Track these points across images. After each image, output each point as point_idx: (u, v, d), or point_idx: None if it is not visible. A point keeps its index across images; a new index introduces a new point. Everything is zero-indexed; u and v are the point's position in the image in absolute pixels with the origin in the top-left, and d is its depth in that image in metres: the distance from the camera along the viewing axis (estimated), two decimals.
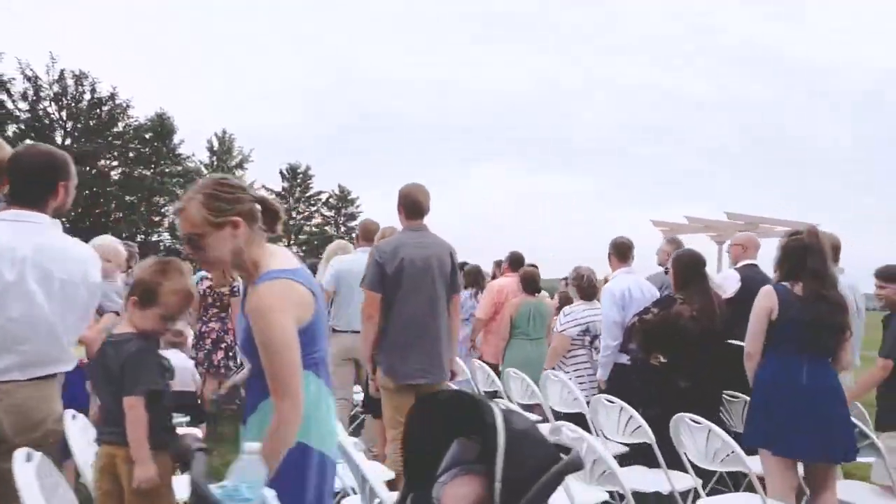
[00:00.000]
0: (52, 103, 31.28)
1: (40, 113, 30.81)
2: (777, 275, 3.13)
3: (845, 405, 3.03)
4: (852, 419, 3.09)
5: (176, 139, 37.01)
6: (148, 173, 35.47)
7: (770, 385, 2.99)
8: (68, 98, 31.77)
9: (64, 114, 31.72)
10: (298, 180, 46.61)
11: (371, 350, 3.36)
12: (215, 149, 41.14)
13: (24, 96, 30.20)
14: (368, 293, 3.32)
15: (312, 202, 47.56)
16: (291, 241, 45.69)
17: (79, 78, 31.89)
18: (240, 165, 41.91)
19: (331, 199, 48.32)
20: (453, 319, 3.51)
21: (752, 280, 3.90)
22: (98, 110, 32.37)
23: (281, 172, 46.05)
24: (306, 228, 47.19)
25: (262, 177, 43.50)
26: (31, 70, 29.98)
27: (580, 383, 4.35)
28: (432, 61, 69.28)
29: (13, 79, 28.54)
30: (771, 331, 2.99)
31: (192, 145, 40.09)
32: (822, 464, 2.97)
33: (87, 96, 32.04)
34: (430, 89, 69.57)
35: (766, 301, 3.01)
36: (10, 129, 29.30)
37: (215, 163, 40.68)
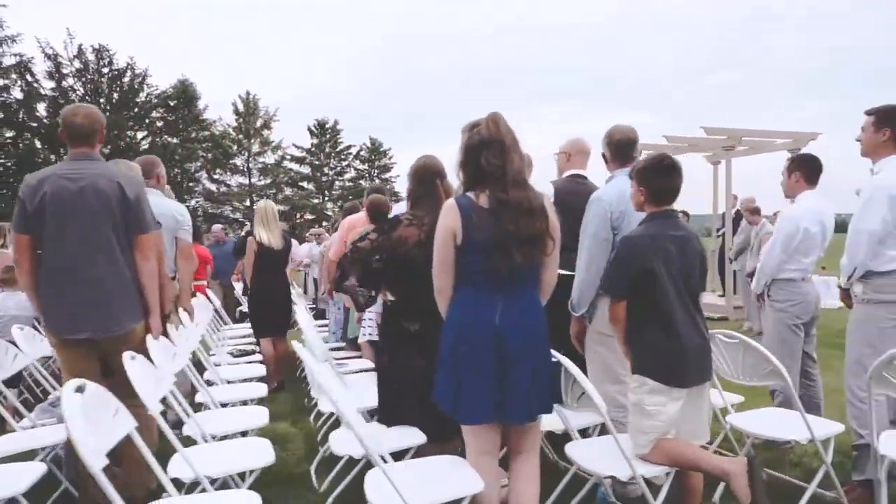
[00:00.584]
0: (76, 79, 31.89)
1: (66, 89, 31.48)
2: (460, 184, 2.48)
3: (548, 350, 2.48)
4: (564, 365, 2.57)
5: (200, 105, 37.53)
6: (175, 141, 36.04)
7: (456, 328, 2.39)
8: (90, 73, 32.34)
9: (89, 88, 32.32)
10: (327, 136, 46.47)
11: (35, 302, 3.03)
12: (241, 111, 41.32)
13: (50, 75, 30.88)
14: (14, 235, 2.93)
15: (343, 157, 47.45)
16: (325, 197, 46.06)
17: (98, 52, 32.35)
18: (266, 126, 42.06)
19: (362, 153, 48.18)
20: (142, 263, 3.02)
21: (569, 194, 3.36)
22: (119, 82, 32.82)
23: (309, 129, 46.03)
24: (338, 183, 47.31)
25: (291, 136, 43.66)
26: (52, 48, 30.58)
27: None
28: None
29: (32, 58, 29.08)
30: (458, 257, 2.38)
31: (217, 110, 40.46)
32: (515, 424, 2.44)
33: (107, 70, 32.48)
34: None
35: (447, 220, 2.37)
36: (41, 108, 30.20)
37: (242, 125, 40.98)
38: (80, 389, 2.02)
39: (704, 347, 2.61)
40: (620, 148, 3.18)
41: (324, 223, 46.46)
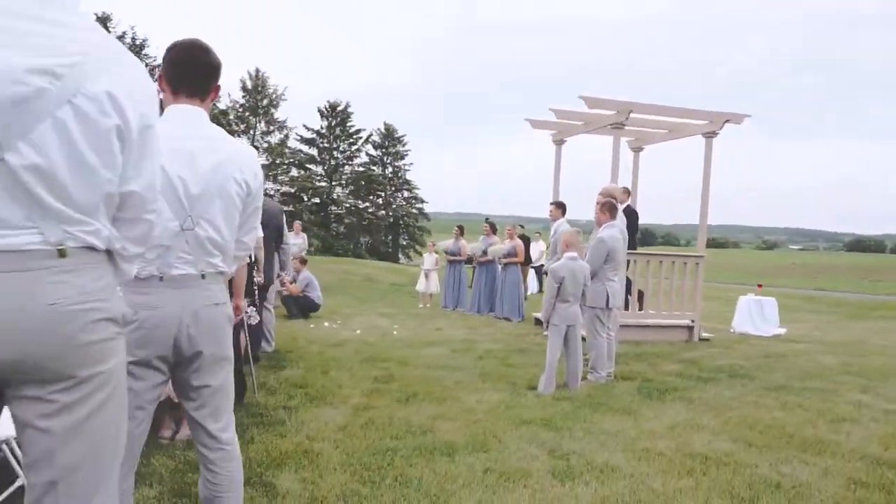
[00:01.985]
0: None
1: None
2: None
3: None
4: None
5: None
6: None
7: None
8: None
9: None
10: (338, 119, 45.74)
11: None
12: (248, 87, 40.97)
13: None
14: None
15: (353, 140, 46.65)
16: (333, 181, 45.43)
17: (101, 20, 32.29)
18: (273, 104, 41.59)
19: (373, 138, 47.38)
20: None
21: None
22: None
23: (319, 110, 45.37)
24: (347, 168, 46.60)
25: (301, 116, 43.06)
26: None
27: None
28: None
29: None
30: None
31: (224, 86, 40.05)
32: None
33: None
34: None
35: None
36: None
37: (248, 102, 40.60)
38: None
39: None
40: None
41: (331, 208, 46.14)
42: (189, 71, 2.04)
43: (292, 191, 42.94)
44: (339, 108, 45.73)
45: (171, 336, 1.98)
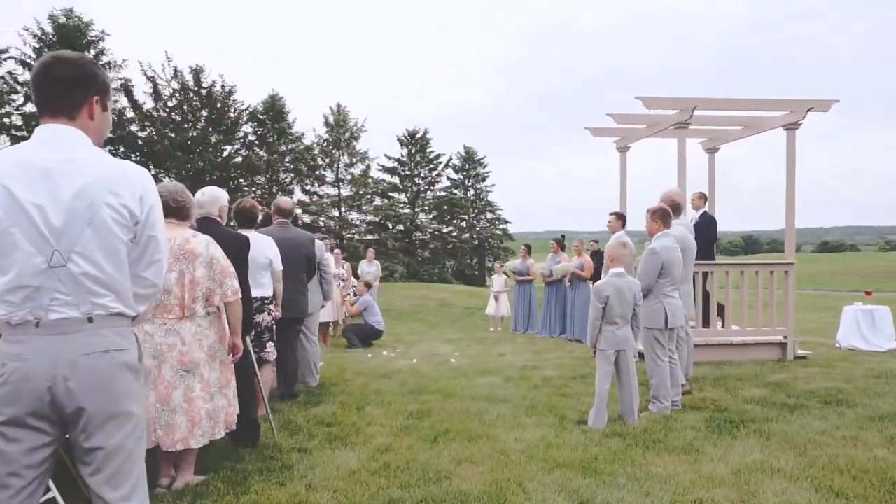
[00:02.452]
0: (172, 99, 34.18)
1: (163, 111, 33.85)
2: None
3: None
4: None
5: (290, 118, 39.06)
6: (264, 154, 37.64)
7: None
8: (189, 93, 34.50)
9: (185, 108, 34.55)
10: (418, 146, 46.35)
11: None
12: (331, 122, 42.34)
13: (155, 96, 33.39)
14: None
15: (433, 166, 47.06)
16: (416, 208, 45.92)
17: (195, 72, 34.51)
18: (354, 137, 42.71)
19: (453, 162, 47.59)
20: None
21: None
22: (210, 99, 34.71)
23: (398, 139, 46.20)
24: (429, 193, 46.97)
25: (381, 146, 43.98)
26: (153, 70, 33.07)
27: None
28: None
29: (130, 81, 31.60)
30: None
31: (306, 122, 41.69)
32: None
33: (202, 90, 34.50)
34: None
35: None
36: (146, 131, 32.79)
37: (331, 136, 41.93)
38: None
39: None
40: None
41: (416, 234, 46.73)
42: (47, 89, 1.80)
43: (377, 219, 43.75)
44: (418, 136, 46.38)
45: (43, 390, 1.70)
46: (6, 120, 28.34)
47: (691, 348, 5.86)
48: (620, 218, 7.89)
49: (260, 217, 5.31)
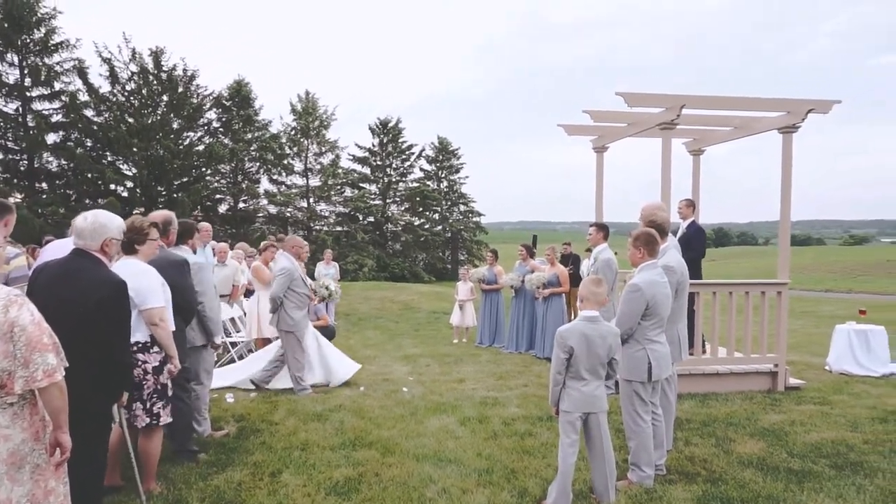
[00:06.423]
0: (131, 83, 32.36)
1: (120, 95, 32.02)
2: None
3: None
4: None
5: (257, 105, 37.53)
6: (230, 143, 36.05)
7: None
8: (149, 76, 32.68)
9: (144, 92, 32.75)
10: (390, 135, 45.07)
11: None
12: (298, 110, 40.81)
13: (111, 79, 31.48)
14: None
15: (406, 157, 45.86)
16: (387, 199, 44.67)
17: (155, 54, 32.70)
18: (323, 125, 41.27)
19: (426, 153, 46.43)
20: None
21: None
22: (171, 83, 32.96)
23: (370, 128, 44.85)
24: (401, 185, 45.75)
25: (352, 134, 42.73)
26: (109, 51, 31.16)
27: None
28: None
29: (85, 62, 29.63)
30: None
31: (273, 109, 40.33)
32: None
33: (161, 74, 32.73)
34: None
35: None
36: (102, 116, 30.93)
37: (299, 124, 40.44)
38: None
39: None
40: None
41: (387, 226, 45.44)
42: None
43: (347, 211, 42.47)
44: (391, 125, 45.09)
45: None
46: None
47: (674, 412, 4.87)
48: (602, 229, 6.97)
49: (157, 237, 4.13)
